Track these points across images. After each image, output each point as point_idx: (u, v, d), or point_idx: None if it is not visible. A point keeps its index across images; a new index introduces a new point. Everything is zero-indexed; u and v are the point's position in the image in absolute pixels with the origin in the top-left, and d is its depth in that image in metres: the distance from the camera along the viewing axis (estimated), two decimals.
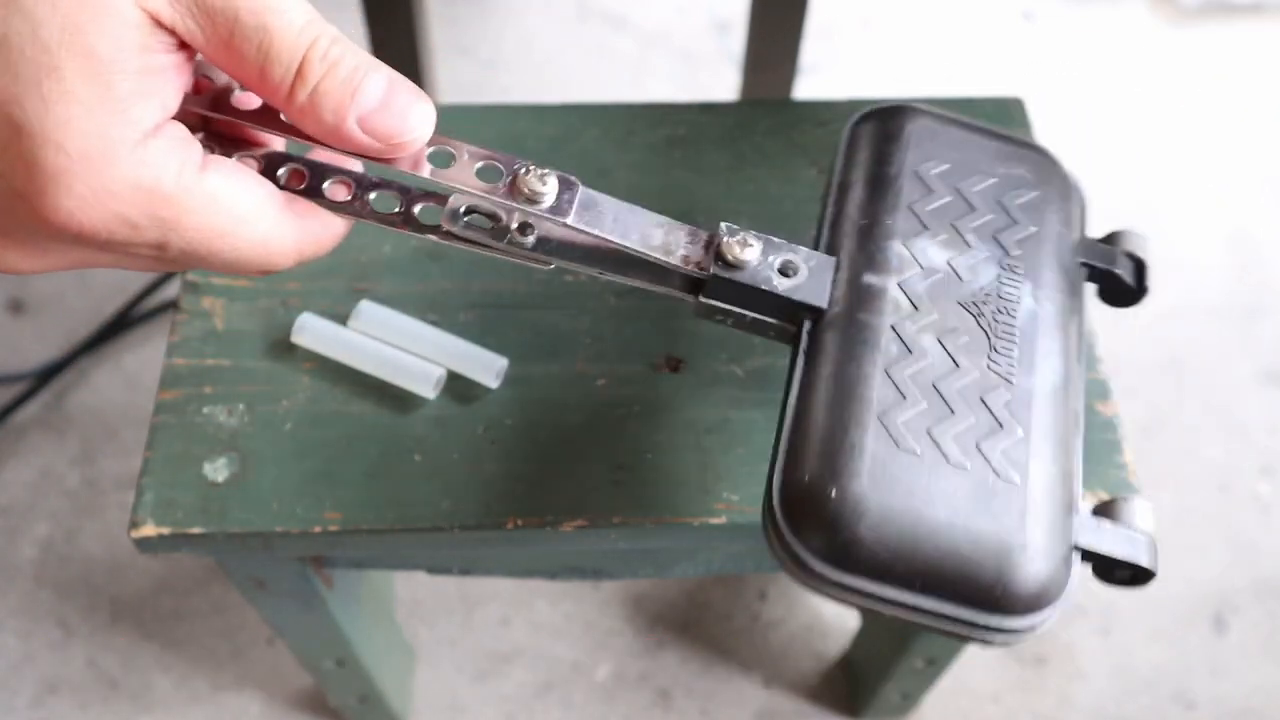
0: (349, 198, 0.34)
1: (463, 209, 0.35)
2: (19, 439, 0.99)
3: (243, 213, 0.31)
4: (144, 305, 1.05)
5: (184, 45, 0.29)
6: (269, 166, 0.33)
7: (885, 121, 0.42)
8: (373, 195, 0.34)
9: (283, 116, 0.31)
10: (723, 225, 0.37)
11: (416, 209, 0.35)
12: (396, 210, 0.35)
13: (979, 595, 0.34)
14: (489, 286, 0.52)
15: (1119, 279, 0.41)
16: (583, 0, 1.33)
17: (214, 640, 0.90)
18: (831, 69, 1.28)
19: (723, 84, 1.26)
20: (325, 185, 0.33)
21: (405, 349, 0.49)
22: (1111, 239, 0.42)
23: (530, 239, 0.36)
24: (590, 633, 0.91)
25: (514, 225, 0.36)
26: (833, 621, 0.92)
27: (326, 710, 0.87)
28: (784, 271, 0.37)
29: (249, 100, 0.33)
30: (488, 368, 0.49)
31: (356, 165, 0.34)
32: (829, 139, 0.58)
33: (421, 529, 0.46)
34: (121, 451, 0.98)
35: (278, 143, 0.34)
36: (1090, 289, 0.42)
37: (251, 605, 0.58)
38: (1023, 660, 0.90)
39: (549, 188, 0.33)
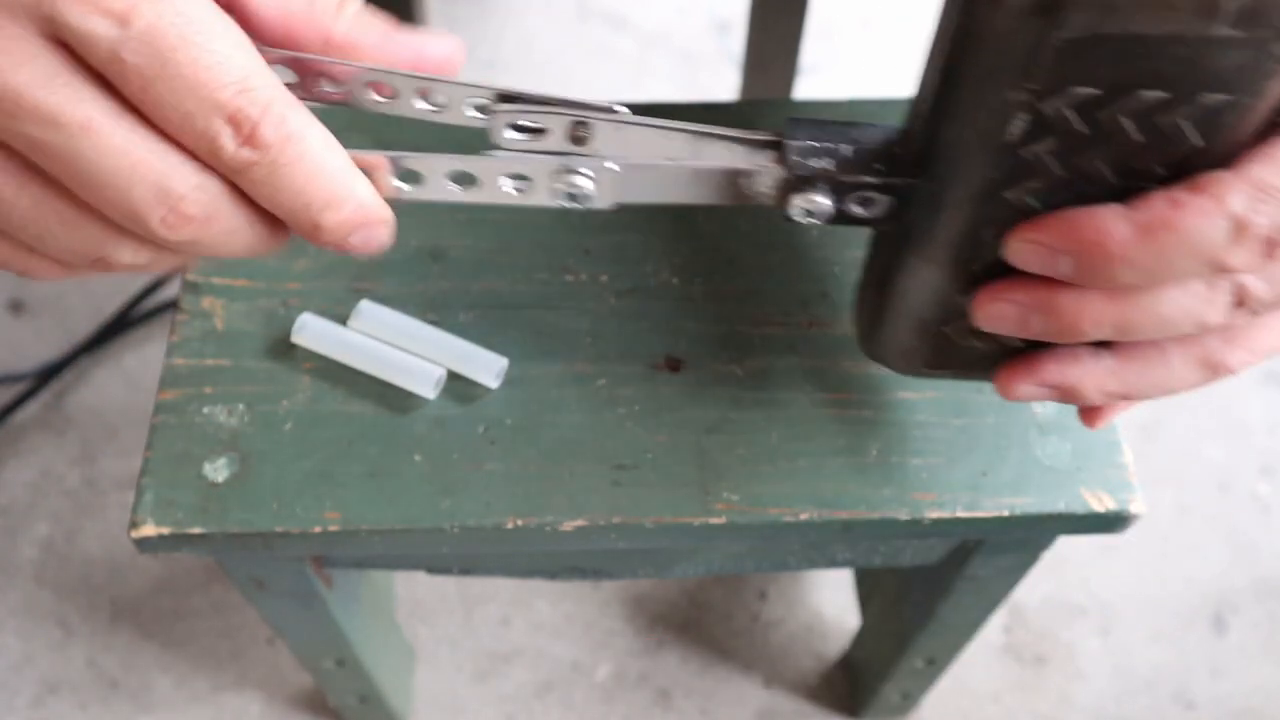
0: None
1: (507, 124, 0.32)
2: (19, 439, 0.99)
3: (231, 25, 0.27)
4: (144, 305, 1.05)
5: None
6: None
7: None
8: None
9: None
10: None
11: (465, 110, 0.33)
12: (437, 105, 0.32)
13: None
14: (489, 286, 0.52)
15: None
16: (583, 0, 1.33)
17: (214, 640, 0.90)
18: (831, 69, 1.28)
19: (723, 84, 1.26)
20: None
21: (405, 349, 0.49)
22: None
23: (588, 147, 0.33)
24: (590, 633, 0.91)
25: (567, 134, 0.33)
26: (833, 621, 0.92)
27: (326, 710, 0.87)
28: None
29: None
30: (488, 368, 0.49)
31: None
32: None
33: (421, 529, 0.46)
34: (121, 451, 0.98)
35: None
36: None
37: (251, 605, 0.58)
38: (1023, 660, 0.90)
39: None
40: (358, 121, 0.57)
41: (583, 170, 0.32)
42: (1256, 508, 0.98)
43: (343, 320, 0.50)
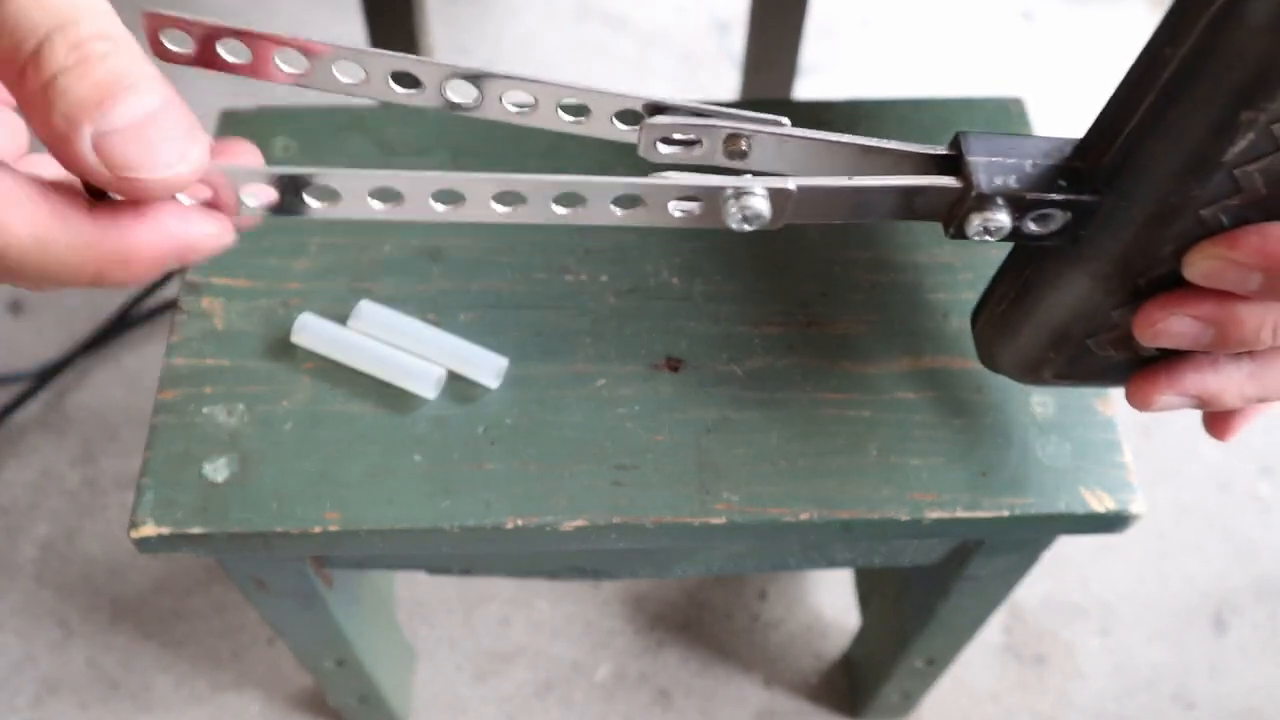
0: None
1: (660, 136, 0.30)
2: (19, 439, 0.99)
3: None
4: (144, 305, 1.05)
5: None
6: None
7: None
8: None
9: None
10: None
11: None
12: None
13: None
14: (489, 286, 0.52)
15: None
16: (583, 0, 1.33)
17: (214, 640, 0.90)
18: (831, 69, 1.28)
19: (723, 84, 1.26)
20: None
21: (405, 349, 0.49)
22: None
23: (745, 161, 0.31)
24: (590, 633, 0.91)
25: (722, 147, 0.31)
26: (833, 621, 0.92)
27: (326, 710, 0.87)
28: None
29: None
30: (488, 368, 0.49)
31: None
32: None
33: (421, 529, 0.46)
34: (121, 451, 0.98)
35: None
36: None
37: (251, 605, 0.58)
38: (1022, 660, 0.90)
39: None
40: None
41: (758, 191, 0.30)
42: (1256, 507, 0.98)
43: (343, 320, 0.50)
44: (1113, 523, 0.47)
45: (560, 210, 0.30)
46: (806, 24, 0.94)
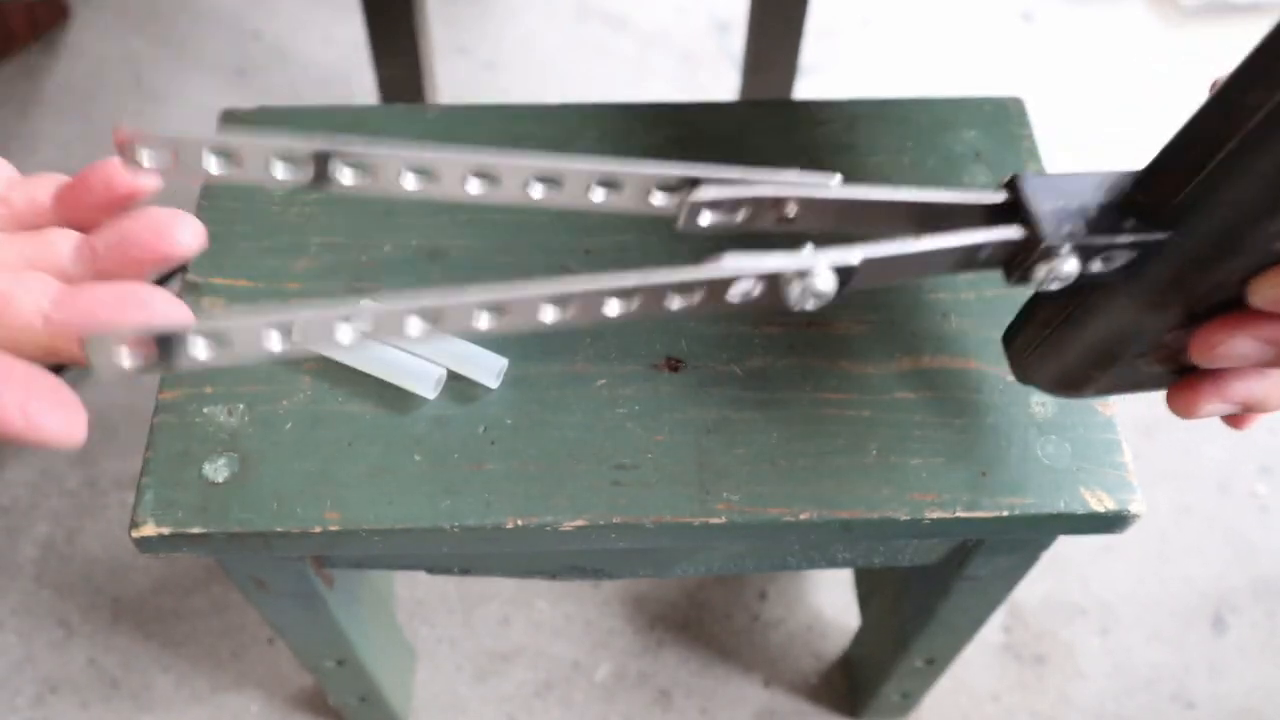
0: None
1: (702, 202, 0.29)
2: None
3: None
4: None
5: None
6: None
7: None
8: None
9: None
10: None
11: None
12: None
13: None
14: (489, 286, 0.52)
15: None
16: (583, 0, 1.33)
17: (214, 640, 0.90)
18: (831, 69, 1.28)
19: (723, 84, 1.26)
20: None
21: (405, 349, 0.49)
22: None
23: (792, 225, 0.30)
24: (590, 633, 0.91)
25: (769, 212, 0.30)
26: (833, 621, 0.92)
27: (326, 710, 0.87)
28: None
29: None
30: (488, 368, 0.49)
31: None
32: (829, 139, 0.58)
33: (421, 529, 0.46)
34: (122, 451, 0.98)
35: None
36: None
37: (252, 605, 0.58)
38: (1022, 660, 0.90)
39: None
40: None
41: (822, 270, 0.28)
42: (1255, 507, 0.98)
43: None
44: (1112, 523, 0.47)
45: (614, 309, 0.28)
46: (806, 24, 0.94)
